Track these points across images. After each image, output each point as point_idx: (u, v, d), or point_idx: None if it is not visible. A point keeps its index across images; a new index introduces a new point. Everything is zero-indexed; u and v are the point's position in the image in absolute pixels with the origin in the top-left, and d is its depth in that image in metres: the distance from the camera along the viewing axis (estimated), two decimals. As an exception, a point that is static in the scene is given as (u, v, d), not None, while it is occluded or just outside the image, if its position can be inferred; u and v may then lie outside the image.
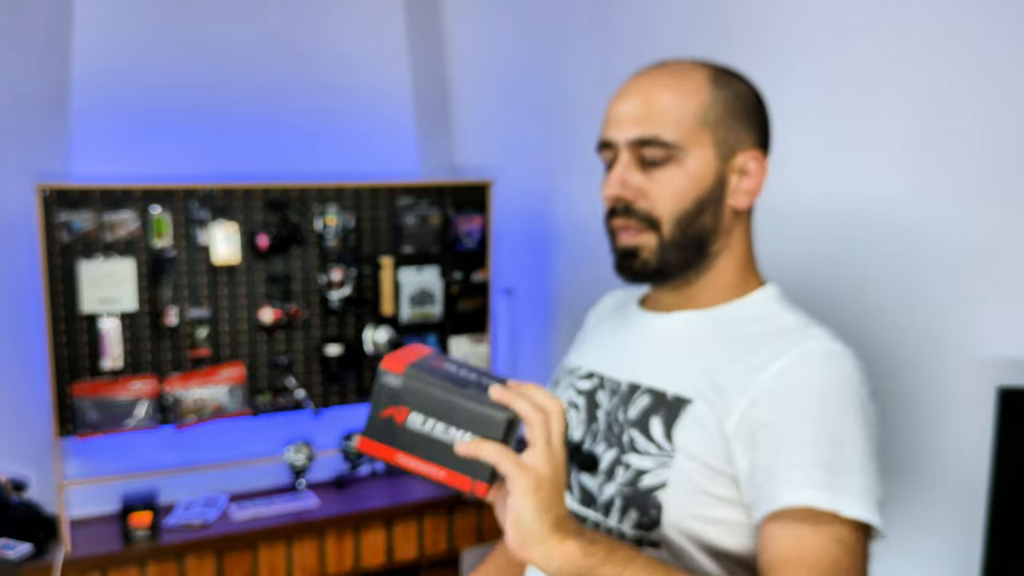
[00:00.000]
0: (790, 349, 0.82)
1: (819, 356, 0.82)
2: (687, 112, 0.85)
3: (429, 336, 2.22)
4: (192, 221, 1.95)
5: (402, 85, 2.32)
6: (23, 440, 1.96)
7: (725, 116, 0.87)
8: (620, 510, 0.86)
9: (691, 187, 0.86)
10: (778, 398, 0.80)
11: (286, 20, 2.19)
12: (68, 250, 1.85)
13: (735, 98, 0.87)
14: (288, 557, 2.02)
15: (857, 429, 0.80)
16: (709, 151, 0.86)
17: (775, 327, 0.87)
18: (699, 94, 0.86)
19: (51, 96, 1.96)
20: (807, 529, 0.76)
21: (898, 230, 1.62)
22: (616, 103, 0.89)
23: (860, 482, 0.78)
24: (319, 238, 2.07)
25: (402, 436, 0.66)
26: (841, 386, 0.80)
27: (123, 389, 1.90)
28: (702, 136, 0.86)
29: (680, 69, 0.88)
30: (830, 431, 0.79)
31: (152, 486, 2.05)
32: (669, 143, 0.85)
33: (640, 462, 0.85)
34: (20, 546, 1.79)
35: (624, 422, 0.89)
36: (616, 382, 0.92)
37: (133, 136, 2.03)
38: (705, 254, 0.88)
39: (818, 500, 0.76)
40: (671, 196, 0.85)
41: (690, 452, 0.82)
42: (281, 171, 2.14)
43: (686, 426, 0.83)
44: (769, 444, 0.79)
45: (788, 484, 0.77)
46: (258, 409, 2.04)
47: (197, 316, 1.97)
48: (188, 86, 2.08)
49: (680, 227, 0.86)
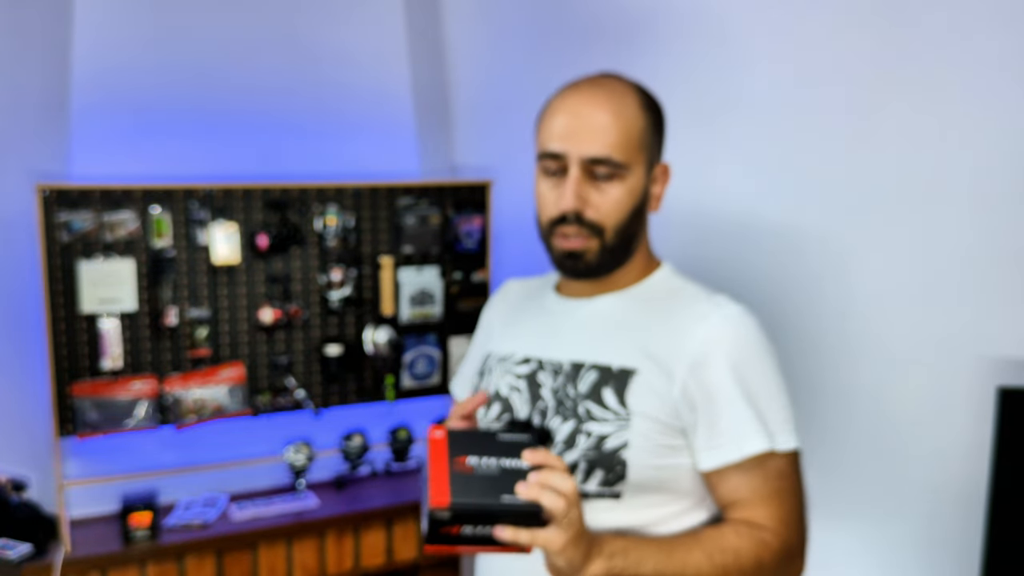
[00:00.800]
0: (707, 317, 0.99)
1: (730, 320, 0.99)
2: (631, 136, 1.00)
3: (429, 336, 2.22)
4: (192, 221, 1.95)
5: (402, 85, 2.32)
6: (23, 440, 1.96)
7: (649, 137, 1.02)
8: (584, 472, 0.98)
9: (630, 200, 1.01)
10: (707, 366, 0.96)
11: (286, 20, 2.19)
12: (68, 250, 1.85)
13: (656, 120, 1.04)
14: (288, 557, 2.02)
15: (771, 372, 0.99)
16: (642, 168, 1.02)
17: (685, 297, 1.04)
18: (637, 119, 1.01)
19: (51, 96, 1.96)
20: (754, 471, 0.96)
21: (899, 230, 1.62)
22: (562, 117, 1.02)
23: (784, 418, 0.98)
24: (319, 238, 2.07)
25: (459, 538, 0.85)
26: (752, 341, 0.99)
27: (123, 389, 1.90)
28: (640, 156, 1.01)
29: (617, 90, 1.02)
30: (755, 384, 0.97)
31: (152, 486, 2.04)
32: (619, 163, 0.99)
33: (600, 428, 0.98)
34: (20, 546, 1.79)
35: (576, 396, 1.01)
36: (557, 363, 1.05)
37: (133, 136, 2.03)
38: (630, 251, 1.05)
39: (758, 447, 0.95)
40: (615, 208, 1.00)
41: (645, 413, 0.97)
42: (281, 171, 2.14)
43: (636, 391, 0.98)
44: (709, 406, 0.96)
45: (731, 439, 0.95)
46: (258, 409, 2.04)
47: (197, 316, 1.97)
48: (188, 86, 2.08)
49: (619, 234, 1.01)
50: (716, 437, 0.96)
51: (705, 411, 0.96)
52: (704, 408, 0.96)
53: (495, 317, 1.23)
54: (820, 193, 1.74)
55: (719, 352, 0.97)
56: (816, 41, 1.74)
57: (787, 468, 0.98)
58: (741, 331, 0.99)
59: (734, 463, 0.95)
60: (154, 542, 1.88)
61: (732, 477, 0.97)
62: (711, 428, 0.96)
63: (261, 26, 2.16)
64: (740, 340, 0.98)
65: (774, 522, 0.96)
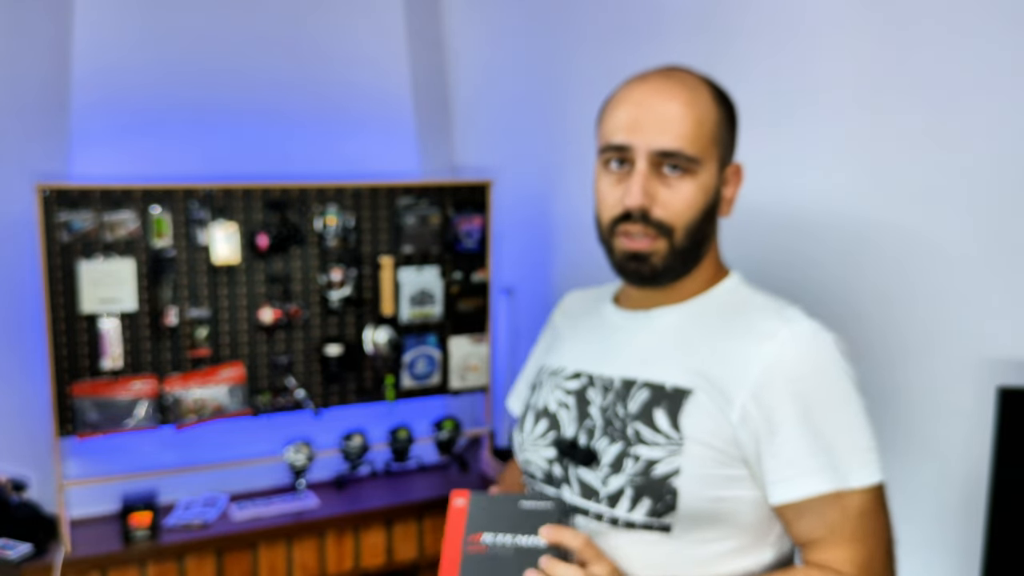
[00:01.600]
0: (774, 336, 0.88)
1: (799, 339, 0.88)
2: (704, 129, 0.91)
3: (429, 336, 2.22)
4: (192, 221, 1.95)
5: (402, 85, 2.31)
6: (23, 440, 1.96)
7: (723, 133, 0.93)
8: (631, 499, 0.89)
9: (702, 199, 0.92)
10: (770, 391, 0.86)
11: (286, 20, 2.19)
12: (68, 250, 1.85)
13: (729, 116, 0.95)
14: (288, 557, 2.01)
15: (845, 399, 0.87)
16: (715, 166, 0.92)
17: (752, 312, 0.93)
18: (711, 112, 0.92)
19: (51, 95, 1.96)
20: (829, 509, 0.85)
21: (899, 230, 1.62)
22: (628, 107, 0.92)
23: (861, 452, 0.86)
24: (319, 238, 2.07)
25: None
26: (824, 364, 0.88)
27: (123, 389, 1.90)
28: (713, 152, 0.92)
29: (688, 82, 0.93)
30: (824, 413, 0.86)
31: (152, 486, 2.04)
32: (692, 157, 0.90)
33: (650, 452, 0.89)
34: (20, 546, 1.79)
35: (625, 416, 0.92)
36: (608, 379, 0.96)
37: (133, 136, 2.03)
38: (699, 257, 0.95)
39: (821, 487, 0.84)
40: (687, 207, 0.91)
41: (699, 439, 0.87)
42: (281, 171, 2.14)
43: (691, 414, 0.88)
44: (771, 437, 0.86)
45: (798, 473, 0.85)
46: (258, 409, 2.04)
47: (197, 316, 1.97)
48: (188, 86, 2.08)
49: (690, 235, 0.92)
50: (777, 471, 0.86)
51: (767, 442, 0.86)
52: (766, 438, 0.86)
53: (553, 331, 1.15)
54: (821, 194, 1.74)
55: (784, 376, 0.86)
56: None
57: (869, 506, 0.86)
58: (811, 352, 0.87)
59: (798, 501, 0.85)
60: (154, 542, 1.88)
61: (805, 515, 0.86)
62: (773, 460, 0.86)
63: (262, 27, 2.16)
64: (809, 363, 0.87)
65: (854, 567, 0.86)
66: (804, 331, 0.88)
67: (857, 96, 1.67)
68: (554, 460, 0.97)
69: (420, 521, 2.15)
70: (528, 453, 1.02)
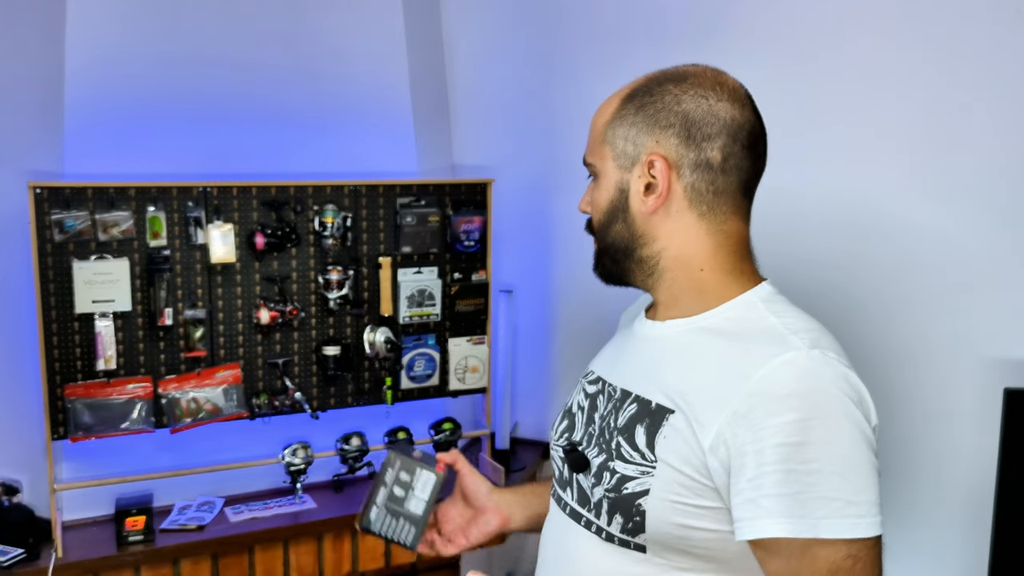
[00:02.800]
0: (767, 361, 0.80)
1: (791, 367, 0.79)
2: (596, 132, 0.93)
3: (428, 337, 2.20)
4: (188, 220, 1.93)
5: (401, 83, 2.29)
6: (15, 443, 1.94)
7: (625, 128, 0.90)
8: (607, 513, 0.88)
9: (604, 199, 0.93)
10: (751, 420, 0.78)
11: (284, 18, 2.16)
12: (61, 249, 1.82)
13: (639, 108, 0.89)
14: (285, 560, 1.99)
15: (831, 440, 0.77)
16: (609, 164, 0.92)
17: (755, 332, 0.85)
18: (606, 113, 0.93)
19: (44, 93, 1.93)
20: (794, 556, 0.77)
21: (905, 232, 1.61)
22: None
23: (836, 502, 0.76)
24: (317, 238, 2.05)
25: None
26: (818, 398, 0.78)
27: (117, 391, 1.88)
28: (602, 152, 0.92)
29: (621, 91, 0.94)
30: (803, 453, 0.76)
31: (147, 489, 2.02)
32: (588, 163, 0.95)
33: (624, 469, 0.87)
34: (11, 551, 1.76)
35: (614, 428, 0.91)
36: (613, 387, 0.95)
37: (127, 133, 2.00)
38: (638, 260, 0.92)
39: (787, 531, 0.76)
40: (596, 209, 0.95)
41: (671, 463, 0.83)
42: (278, 170, 2.12)
43: (666, 436, 0.84)
44: (744, 470, 0.78)
45: (759, 514, 0.77)
46: (255, 411, 2.02)
47: (193, 317, 1.95)
48: (183, 83, 2.05)
49: (602, 235, 0.95)
50: (740, 508, 0.79)
51: (736, 475, 0.79)
52: (736, 471, 0.79)
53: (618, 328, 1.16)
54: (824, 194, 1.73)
55: (765, 406, 0.78)
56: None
57: (844, 563, 0.76)
58: (800, 384, 0.78)
59: (765, 539, 0.77)
60: (149, 545, 1.85)
61: (773, 557, 0.78)
62: (738, 496, 0.79)
63: (259, 24, 2.13)
64: (795, 395, 0.77)
65: None
66: (799, 360, 0.79)
67: (860, 95, 1.66)
68: (564, 460, 0.99)
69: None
70: (552, 451, 1.05)
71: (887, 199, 1.64)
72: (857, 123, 1.68)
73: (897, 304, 1.64)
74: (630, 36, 2.11)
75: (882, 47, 1.63)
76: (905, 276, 1.63)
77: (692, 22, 1.96)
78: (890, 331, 1.64)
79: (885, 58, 1.62)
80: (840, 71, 1.69)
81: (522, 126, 2.42)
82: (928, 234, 1.60)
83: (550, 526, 1.02)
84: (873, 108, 1.65)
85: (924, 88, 1.58)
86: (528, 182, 2.41)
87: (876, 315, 1.66)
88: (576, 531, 0.94)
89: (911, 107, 1.59)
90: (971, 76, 1.53)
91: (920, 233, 1.61)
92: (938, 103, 1.56)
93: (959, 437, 1.57)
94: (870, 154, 1.66)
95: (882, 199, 1.65)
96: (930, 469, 1.61)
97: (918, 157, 1.60)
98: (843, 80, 1.68)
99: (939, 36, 1.56)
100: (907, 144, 1.61)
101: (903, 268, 1.63)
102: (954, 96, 1.54)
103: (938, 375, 1.59)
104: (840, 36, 1.69)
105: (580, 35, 2.23)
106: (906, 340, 1.63)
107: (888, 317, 1.65)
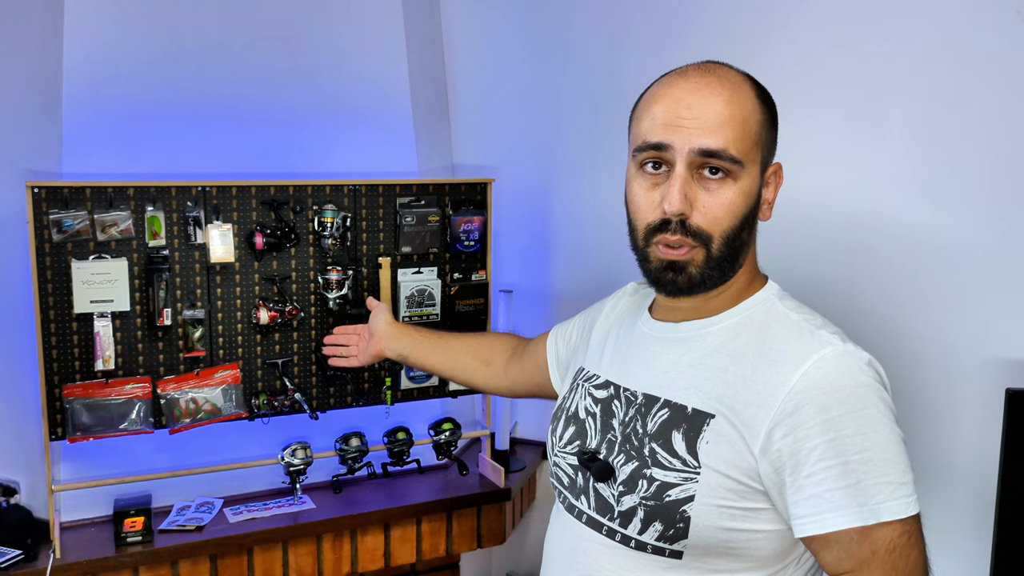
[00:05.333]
0: (804, 360, 0.82)
1: (829, 364, 0.82)
2: (748, 129, 0.85)
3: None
4: (187, 220, 1.92)
5: (401, 83, 2.29)
6: (13, 444, 1.93)
7: (764, 133, 0.88)
8: (642, 521, 0.86)
9: (743, 204, 0.86)
10: (799, 418, 0.80)
11: (283, 17, 2.16)
12: (59, 249, 1.81)
13: (770, 116, 0.89)
14: (284, 561, 1.99)
15: (877, 429, 0.82)
16: (756, 168, 0.87)
17: (783, 331, 0.87)
18: (755, 112, 0.86)
19: (42, 92, 1.92)
20: (857, 543, 0.81)
21: (906, 233, 1.61)
22: (670, 104, 0.85)
23: (890, 485, 0.81)
24: (316, 238, 2.04)
25: None
26: (856, 391, 0.82)
27: (116, 391, 1.87)
28: (756, 154, 0.86)
29: (731, 78, 0.87)
30: (853, 445, 0.80)
31: (145, 490, 2.01)
32: (736, 159, 0.84)
33: (665, 476, 0.85)
34: (9, 552, 1.75)
35: (644, 434, 0.88)
36: (633, 393, 0.92)
37: (126, 133, 2.00)
38: (736, 266, 0.90)
39: (846, 522, 0.80)
40: (726, 213, 0.85)
41: (716, 468, 0.83)
42: (278, 169, 2.11)
43: (710, 441, 0.84)
44: (800, 467, 0.81)
45: (825, 508, 0.80)
46: (254, 411, 2.01)
47: (192, 317, 1.94)
48: (182, 83, 2.04)
49: (728, 243, 0.86)
50: (803, 505, 0.82)
51: (792, 474, 0.81)
52: (791, 471, 0.81)
53: (602, 315, 1.09)
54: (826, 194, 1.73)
55: (812, 405, 0.80)
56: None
57: (900, 540, 0.81)
58: (842, 379, 0.81)
59: (828, 533, 0.81)
60: (147, 546, 1.84)
61: (832, 547, 0.82)
62: (798, 494, 0.82)
63: (258, 24, 2.13)
64: (839, 391, 0.81)
65: None
66: (835, 356, 0.82)
67: (865, 95, 1.66)
68: (579, 468, 0.95)
69: (418, 525, 2.12)
70: (556, 458, 1.00)
71: (888, 199, 1.64)
72: (857, 123, 1.68)
73: (898, 304, 1.63)
74: (630, 36, 2.11)
75: (882, 47, 1.63)
76: (906, 276, 1.62)
77: (692, 21, 1.96)
78: (891, 331, 1.64)
79: (885, 58, 1.61)
80: (840, 71, 1.69)
81: (522, 126, 2.42)
82: (929, 234, 1.60)
83: (558, 533, 0.99)
84: (873, 108, 1.65)
85: (924, 88, 1.58)
86: (528, 182, 2.40)
87: (877, 316, 1.65)
88: (595, 540, 0.91)
89: (911, 107, 1.59)
90: (971, 76, 1.53)
91: (921, 233, 1.61)
92: (938, 103, 1.56)
93: (961, 437, 1.57)
94: (870, 154, 1.66)
95: (883, 199, 1.65)
96: (932, 469, 1.61)
97: (919, 158, 1.60)
98: (843, 80, 1.68)
99: (939, 36, 1.56)
100: (907, 144, 1.61)
101: (903, 268, 1.63)
102: (954, 96, 1.54)
103: (940, 375, 1.59)
104: (840, 36, 1.69)
105: (580, 35, 2.23)
106: (907, 340, 1.62)
107: (889, 317, 1.64)
